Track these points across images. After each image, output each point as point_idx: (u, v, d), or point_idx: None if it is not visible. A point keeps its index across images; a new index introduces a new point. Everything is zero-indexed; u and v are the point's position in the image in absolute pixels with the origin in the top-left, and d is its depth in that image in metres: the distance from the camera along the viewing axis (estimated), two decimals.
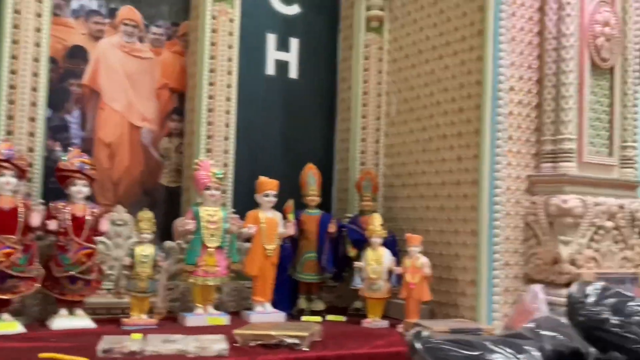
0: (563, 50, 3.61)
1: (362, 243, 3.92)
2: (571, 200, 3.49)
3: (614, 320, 1.29)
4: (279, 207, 3.85)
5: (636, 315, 1.28)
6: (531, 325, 1.51)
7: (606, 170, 3.74)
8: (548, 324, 1.48)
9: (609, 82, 3.80)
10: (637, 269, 3.71)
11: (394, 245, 4.00)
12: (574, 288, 1.46)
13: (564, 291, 3.48)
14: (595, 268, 3.57)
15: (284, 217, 3.81)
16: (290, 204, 3.84)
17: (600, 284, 1.42)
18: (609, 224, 3.63)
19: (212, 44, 4.01)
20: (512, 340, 1.37)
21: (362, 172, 4.28)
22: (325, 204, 4.53)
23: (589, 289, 1.41)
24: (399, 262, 3.75)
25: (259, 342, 2.87)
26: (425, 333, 1.45)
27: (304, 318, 3.75)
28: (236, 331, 2.93)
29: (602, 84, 3.78)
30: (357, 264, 3.75)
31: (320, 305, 3.98)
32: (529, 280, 3.67)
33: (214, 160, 3.90)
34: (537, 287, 3.52)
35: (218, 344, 2.72)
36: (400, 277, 3.67)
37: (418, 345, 1.39)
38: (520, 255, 3.70)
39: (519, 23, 3.71)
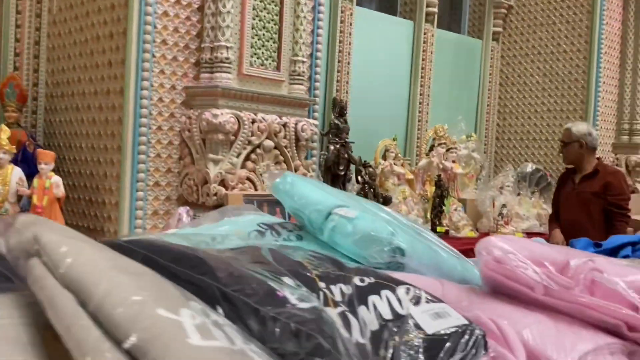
0: None
1: None
2: (223, 115, 3.16)
3: None
4: None
5: None
6: None
7: (272, 85, 3.46)
8: None
9: None
10: None
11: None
12: None
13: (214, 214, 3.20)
14: (251, 189, 3.32)
15: None
16: None
17: None
18: (269, 142, 3.38)
19: None
20: None
21: (5, 78, 3.61)
22: None
23: None
24: None
25: None
26: None
27: None
28: None
29: None
30: None
31: None
32: (184, 202, 3.34)
33: None
34: (182, 210, 3.19)
35: None
36: (30, 200, 3.14)
37: None
38: (175, 175, 3.35)
39: None
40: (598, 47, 5.88)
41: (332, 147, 4.02)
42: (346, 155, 4.08)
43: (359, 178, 4.26)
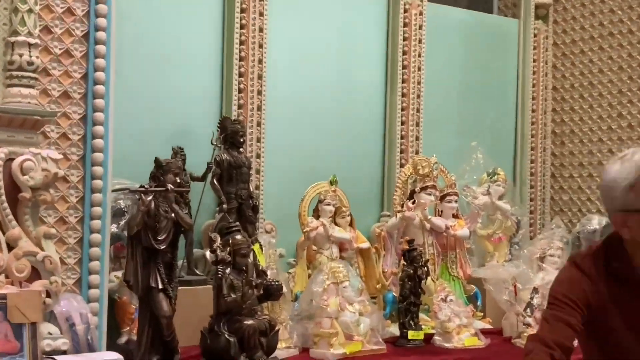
0: None
1: None
2: None
3: None
4: None
5: None
6: None
7: None
8: None
9: None
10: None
11: None
12: None
13: None
14: None
15: None
16: None
17: None
18: None
19: None
20: None
21: None
22: None
23: None
24: None
25: None
26: None
27: None
28: None
29: None
30: None
31: None
32: None
33: None
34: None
35: None
36: None
37: None
38: None
39: None
40: None
41: (143, 199, 1.95)
42: (173, 215, 1.99)
43: (209, 254, 2.32)
